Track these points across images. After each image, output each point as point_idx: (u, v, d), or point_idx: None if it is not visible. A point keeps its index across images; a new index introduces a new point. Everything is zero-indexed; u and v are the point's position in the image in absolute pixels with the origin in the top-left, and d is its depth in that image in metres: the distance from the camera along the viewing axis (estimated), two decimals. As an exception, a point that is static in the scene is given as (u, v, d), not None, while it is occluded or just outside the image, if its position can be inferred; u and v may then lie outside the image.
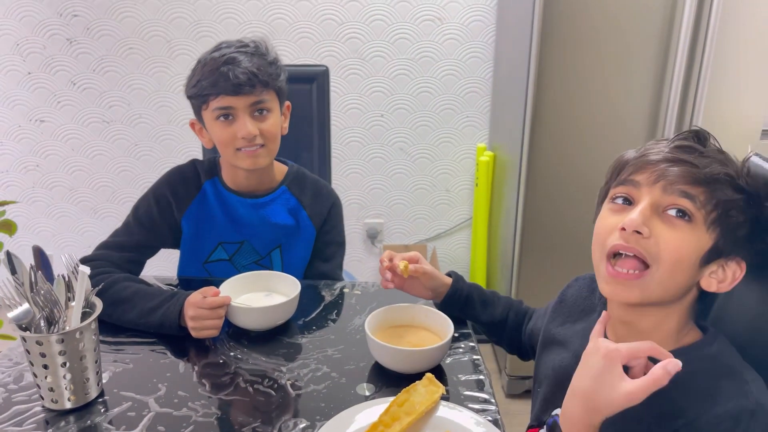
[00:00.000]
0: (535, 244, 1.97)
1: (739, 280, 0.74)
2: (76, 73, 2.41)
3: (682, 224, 0.71)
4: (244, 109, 1.21)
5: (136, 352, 1.10)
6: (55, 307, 0.91)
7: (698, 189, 0.71)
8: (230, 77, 1.18)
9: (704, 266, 0.73)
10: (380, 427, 0.87)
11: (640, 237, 0.71)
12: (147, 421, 0.92)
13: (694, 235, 0.71)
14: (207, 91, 1.20)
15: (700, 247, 0.72)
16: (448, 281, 1.15)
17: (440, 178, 2.58)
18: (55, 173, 2.55)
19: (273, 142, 1.26)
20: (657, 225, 0.72)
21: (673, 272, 0.72)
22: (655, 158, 0.74)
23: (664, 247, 0.71)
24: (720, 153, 0.75)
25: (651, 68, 1.77)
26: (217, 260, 1.36)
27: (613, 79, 1.78)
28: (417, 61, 2.39)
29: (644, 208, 0.72)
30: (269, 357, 1.08)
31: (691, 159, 0.72)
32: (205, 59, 1.22)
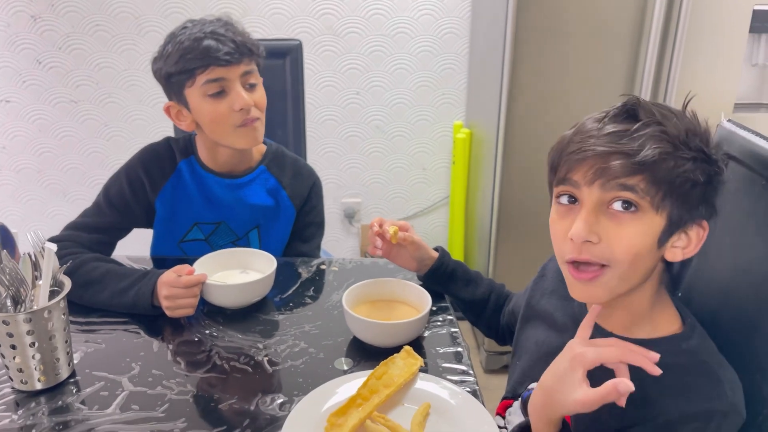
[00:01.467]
0: (512, 221, 1.98)
1: (704, 239, 0.73)
2: (41, 52, 2.33)
3: (629, 216, 0.69)
4: (235, 80, 1.17)
5: (109, 332, 1.07)
6: (22, 286, 0.88)
7: (637, 177, 0.68)
8: (219, 48, 1.14)
9: (664, 243, 0.72)
10: (359, 399, 0.86)
11: (591, 244, 0.71)
12: (120, 399, 0.90)
13: (644, 223, 0.70)
14: (195, 64, 1.14)
15: (654, 232, 0.70)
16: (435, 254, 1.14)
17: (417, 157, 2.56)
18: (22, 155, 2.48)
19: (263, 113, 1.24)
20: (605, 225, 0.70)
21: (632, 266, 0.71)
22: (588, 153, 0.70)
23: (617, 247, 0.70)
24: (654, 122, 0.70)
25: (626, 45, 1.77)
26: (192, 240, 1.33)
27: (589, 54, 1.78)
28: (392, 37, 2.37)
29: (587, 215, 0.70)
30: (245, 334, 1.06)
31: (623, 147, 0.68)
32: (179, 35, 1.17)
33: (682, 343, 0.74)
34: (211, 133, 1.22)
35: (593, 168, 0.70)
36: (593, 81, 1.81)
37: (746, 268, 0.78)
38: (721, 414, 0.69)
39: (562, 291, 0.92)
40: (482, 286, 1.15)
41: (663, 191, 0.68)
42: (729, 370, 0.74)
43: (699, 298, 0.86)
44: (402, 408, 0.88)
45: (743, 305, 0.78)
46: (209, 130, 1.22)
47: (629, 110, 0.72)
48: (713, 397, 0.70)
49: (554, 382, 0.71)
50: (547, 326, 0.91)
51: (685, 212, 0.70)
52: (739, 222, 0.80)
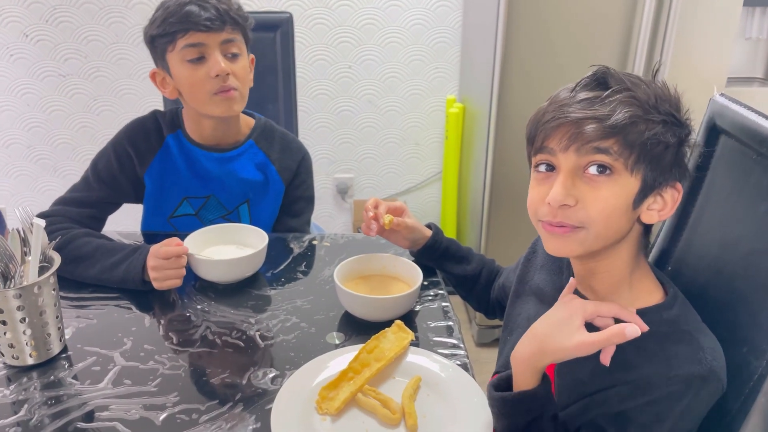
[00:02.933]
0: (503, 196, 1.98)
1: (678, 201, 0.75)
2: (28, 24, 2.29)
3: (604, 179, 0.71)
4: (215, 46, 1.16)
5: (100, 307, 1.07)
6: (11, 261, 0.88)
7: (610, 140, 0.70)
8: (201, 13, 1.13)
9: (639, 205, 0.74)
10: (350, 373, 0.87)
11: (567, 208, 0.73)
12: (113, 374, 0.91)
13: (619, 184, 0.71)
14: (175, 27, 1.14)
15: (629, 193, 0.72)
16: (428, 233, 1.15)
17: (410, 132, 2.55)
18: (11, 130, 2.45)
19: (244, 86, 1.22)
20: (581, 189, 0.72)
21: (606, 226, 0.73)
22: (562, 121, 0.72)
23: (592, 210, 0.72)
24: (624, 89, 0.72)
25: (620, 17, 1.76)
26: (182, 215, 1.33)
27: (583, 26, 1.77)
28: (385, 9, 2.34)
29: (564, 179, 0.72)
30: (237, 309, 1.07)
31: (594, 112, 0.70)
32: (166, 2, 1.16)
33: (663, 312, 0.76)
34: (189, 100, 1.22)
35: (568, 134, 0.72)
36: (586, 54, 1.79)
37: (735, 242, 0.78)
38: (700, 379, 0.70)
39: (551, 266, 0.92)
40: (473, 262, 1.16)
41: (636, 153, 0.70)
42: (710, 337, 0.75)
43: (688, 272, 0.87)
44: (393, 381, 0.89)
45: (732, 279, 0.78)
46: (187, 96, 1.22)
47: (599, 79, 0.74)
48: (693, 362, 0.71)
49: (549, 329, 0.73)
50: (538, 301, 0.91)
51: (659, 174, 0.72)
52: (728, 196, 0.81)
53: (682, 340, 0.73)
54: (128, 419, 0.82)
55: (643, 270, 0.80)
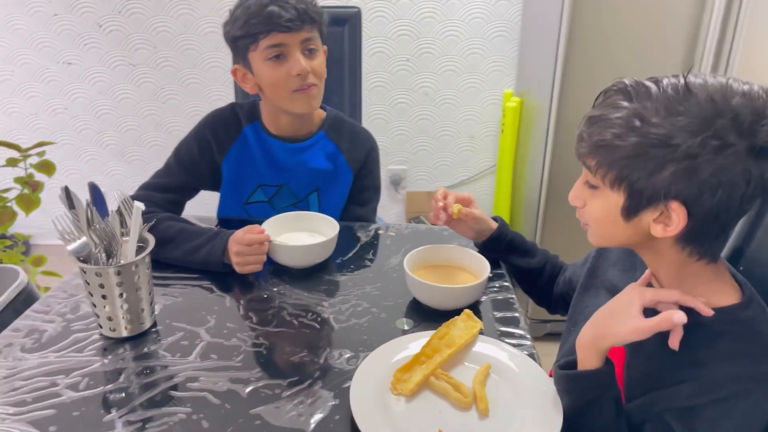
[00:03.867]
0: (561, 192, 1.98)
1: (682, 220, 0.71)
2: (101, 15, 2.40)
3: (593, 192, 0.78)
4: (295, 46, 1.22)
5: (184, 287, 1.14)
6: (113, 240, 0.95)
7: (593, 159, 0.75)
8: (282, 14, 1.18)
9: (631, 219, 0.75)
10: (422, 357, 0.91)
11: (578, 208, 0.83)
12: (200, 349, 0.97)
13: (602, 198, 0.77)
14: (258, 29, 1.20)
15: (613, 206, 0.75)
16: (494, 225, 1.18)
17: (465, 125, 2.57)
18: (83, 116, 2.58)
19: (322, 81, 1.28)
20: (586, 192, 0.80)
21: (600, 228, 0.80)
22: (577, 131, 0.78)
23: (587, 213, 0.81)
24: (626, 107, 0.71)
25: (688, 16, 1.74)
26: (256, 201, 1.39)
27: (649, 24, 1.75)
28: (445, 3, 2.36)
29: (577, 184, 0.81)
30: (311, 293, 1.12)
31: (588, 130, 0.75)
32: (246, 1, 1.21)
33: (739, 313, 0.76)
34: (270, 96, 1.28)
35: (576, 146, 0.78)
36: (652, 53, 1.78)
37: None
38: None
39: (625, 262, 0.94)
40: (538, 256, 1.18)
41: (615, 172, 0.73)
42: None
43: (760, 271, 0.87)
44: (463, 367, 0.93)
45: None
46: (269, 93, 1.28)
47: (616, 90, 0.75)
48: (764, 363, 0.72)
49: (609, 313, 0.79)
50: (610, 295, 0.93)
51: (650, 191, 0.71)
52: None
53: (755, 341, 0.74)
54: (217, 390, 0.88)
55: (715, 273, 0.79)
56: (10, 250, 1.69)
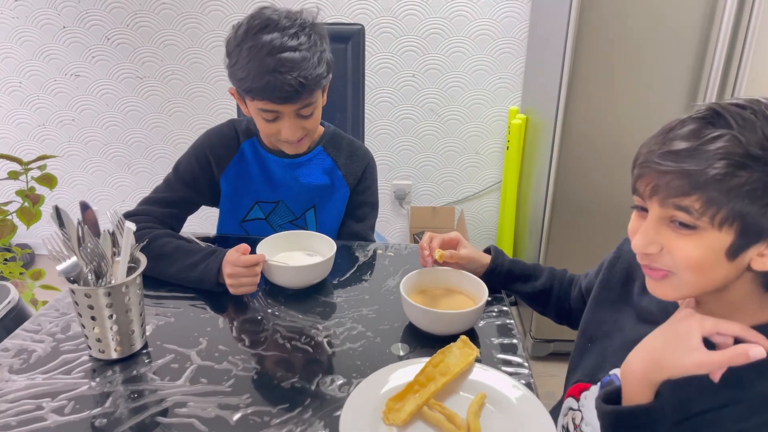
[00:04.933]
0: (566, 209, 1.96)
1: None
2: (110, 28, 2.41)
3: (689, 233, 0.68)
4: (290, 113, 1.19)
5: (177, 306, 1.13)
6: (102, 260, 0.94)
7: (692, 198, 0.66)
8: (280, 85, 1.12)
9: (737, 257, 0.68)
10: (416, 386, 0.89)
11: (652, 254, 0.71)
12: (190, 372, 0.95)
13: (705, 240, 0.68)
14: (252, 94, 1.16)
15: (718, 247, 0.67)
16: (486, 260, 1.14)
17: (470, 141, 2.55)
18: (90, 128, 2.58)
19: (314, 131, 1.28)
20: (667, 236, 0.70)
21: (697, 275, 0.70)
22: (647, 170, 0.69)
23: (678, 257, 0.70)
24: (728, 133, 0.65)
25: (695, 35, 1.71)
26: (253, 219, 1.38)
27: (655, 44, 1.73)
28: (450, 20, 2.35)
29: (647, 228, 0.71)
30: (305, 315, 1.10)
31: (680, 166, 0.66)
32: (251, 45, 1.13)
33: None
34: (261, 136, 1.31)
35: (651, 184, 0.69)
36: (658, 73, 1.76)
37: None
38: None
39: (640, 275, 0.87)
40: (542, 278, 1.14)
41: (725, 209, 0.65)
42: None
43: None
44: (458, 396, 0.90)
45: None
46: (260, 134, 1.30)
47: (706, 118, 0.68)
48: None
49: (666, 343, 0.70)
50: (635, 314, 0.88)
51: (764, 228, 0.66)
52: None
53: None
54: (205, 417, 0.86)
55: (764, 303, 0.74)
56: (10, 262, 1.69)
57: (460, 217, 2.65)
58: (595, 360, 0.92)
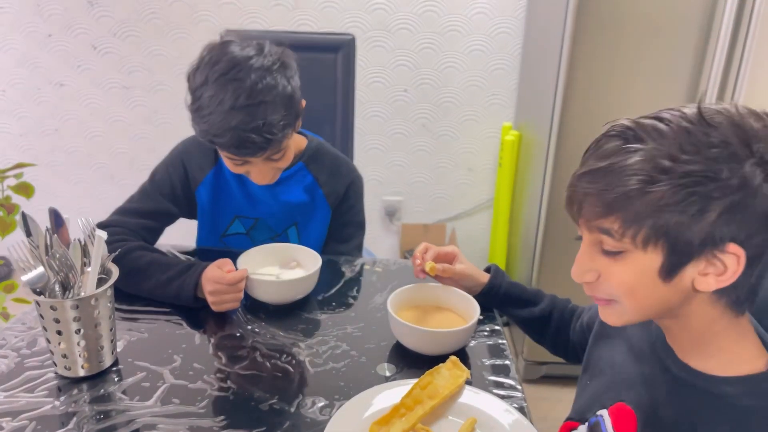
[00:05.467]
0: (559, 228, 1.92)
1: (741, 266, 0.62)
2: (96, 37, 2.37)
3: (619, 257, 0.65)
4: (258, 161, 1.13)
5: (151, 321, 1.07)
6: (71, 271, 0.88)
7: (610, 218, 0.63)
8: (242, 143, 1.06)
9: (672, 278, 0.64)
10: (402, 409, 0.83)
11: (591, 283, 0.69)
12: (161, 392, 0.89)
13: (633, 263, 0.64)
14: (216, 146, 1.12)
15: (649, 269, 0.64)
16: (484, 279, 1.09)
17: (463, 157, 2.52)
18: (74, 138, 2.53)
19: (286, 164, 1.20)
20: (601, 261, 0.67)
21: (634, 300, 0.67)
22: (570, 193, 0.67)
23: (612, 284, 0.67)
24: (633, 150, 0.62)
25: (689, 55, 1.69)
26: (234, 233, 1.33)
27: (650, 62, 1.71)
28: (444, 35, 2.32)
29: (581, 255, 0.69)
30: (287, 332, 1.05)
31: (595, 186, 0.63)
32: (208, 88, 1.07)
33: (765, 383, 0.66)
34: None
35: (574, 207, 0.67)
36: (655, 87, 1.73)
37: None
38: None
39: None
40: (542, 304, 1.08)
41: (647, 227, 0.62)
42: None
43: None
44: (446, 421, 0.85)
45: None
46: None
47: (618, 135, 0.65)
48: None
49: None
50: (626, 349, 0.83)
51: (694, 242, 0.61)
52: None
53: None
54: (175, 441, 0.81)
55: (741, 332, 0.70)
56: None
57: (451, 235, 2.60)
58: (588, 398, 0.87)
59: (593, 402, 0.85)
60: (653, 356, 0.74)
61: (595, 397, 0.85)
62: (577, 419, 0.87)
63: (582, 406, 0.87)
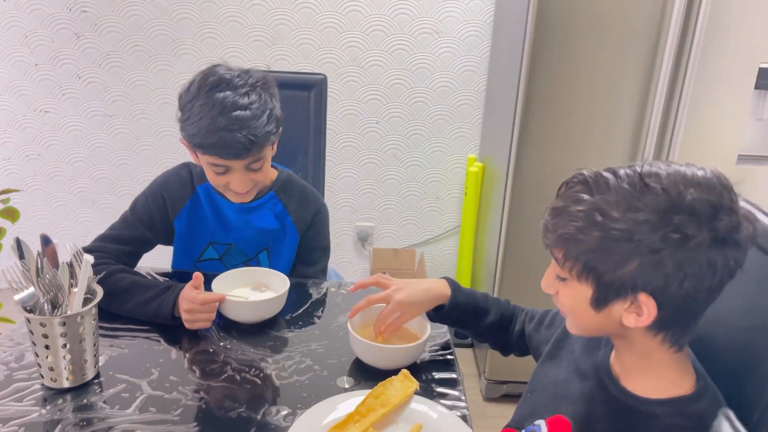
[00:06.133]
0: (517, 255, 2.05)
1: (653, 313, 0.71)
2: (81, 67, 2.47)
3: (564, 283, 0.78)
4: (239, 168, 1.25)
5: (131, 338, 1.16)
6: (59, 291, 0.98)
7: (557, 249, 0.76)
8: (228, 144, 1.18)
9: (602, 309, 0.75)
10: (356, 416, 0.93)
11: (554, 296, 0.82)
12: (139, 402, 0.99)
13: (573, 290, 0.77)
14: (203, 149, 1.22)
15: (583, 297, 0.75)
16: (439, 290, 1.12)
17: (431, 186, 2.65)
18: (56, 163, 2.61)
19: (263, 182, 1.34)
20: (556, 282, 0.80)
21: (575, 319, 0.81)
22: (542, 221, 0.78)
23: (561, 302, 0.81)
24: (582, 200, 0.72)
25: (635, 93, 1.85)
26: (208, 259, 1.43)
27: (599, 101, 1.86)
28: (413, 71, 2.47)
29: (548, 272, 0.82)
30: (257, 348, 1.15)
31: (553, 222, 0.75)
32: (202, 104, 1.18)
33: (691, 405, 0.75)
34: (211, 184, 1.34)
35: (543, 234, 0.79)
36: (602, 127, 1.88)
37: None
38: None
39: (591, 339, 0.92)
40: (491, 314, 1.14)
41: (580, 264, 0.73)
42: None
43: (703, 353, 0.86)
44: (396, 427, 0.95)
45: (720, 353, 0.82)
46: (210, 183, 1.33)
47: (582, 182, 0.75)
48: None
49: None
50: (572, 369, 0.91)
51: (616, 285, 0.72)
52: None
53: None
54: (151, 444, 0.90)
55: (679, 363, 0.78)
56: (-34, 294, 1.69)
57: (420, 260, 2.72)
58: (529, 409, 0.95)
59: (532, 413, 0.93)
60: (595, 377, 0.84)
61: (535, 409, 0.94)
62: (514, 426, 0.97)
63: (522, 416, 0.96)
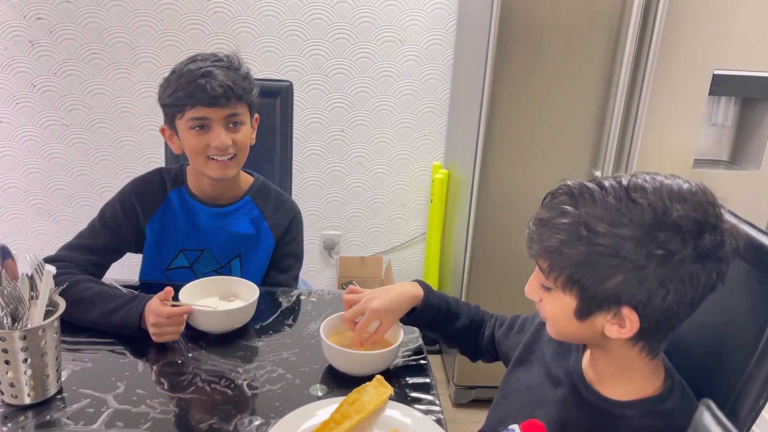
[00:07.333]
0: (484, 259, 2.07)
1: (636, 326, 0.72)
2: (36, 75, 2.40)
3: (548, 292, 0.79)
4: (219, 120, 1.27)
5: (95, 351, 1.12)
6: (20, 304, 0.94)
7: (542, 260, 0.76)
8: (207, 89, 1.23)
9: (585, 320, 0.76)
10: (331, 424, 0.92)
11: (537, 303, 0.83)
12: (106, 417, 0.95)
13: (557, 299, 0.77)
14: (183, 101, 1.24)
15: (567, 308, 0.76)
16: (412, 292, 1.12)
17: (397, 193, 2.66)
18: (10, 174, 2.52)
19: (243, 152, 1.33)
20: (540, 289, 0.81)
21: (556, 328, 0.81)
22: (527, 231, 0.78)
23: (543, 310, 0.82)
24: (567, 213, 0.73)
25: (596, 100, 1.90)
26: (177, 267, 1.40)
27: (561, 107, 1.90)
28: (378, 79, 2.48)
29: (532, 279, 0.82)
30: (227, 359, 1.12)
31: (538, 233, 0.75)
32: (180, 70, 1.27)
33: (659, 404, 0.77)
34: (190, 160, 1.34)
35: (527, 243, 0.79)
36: (564, 133, 1.92)
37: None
38: None
39: (561, 344, 0.93)
40: (461, 319, 1.15)
41: (565, 275, 0.74)
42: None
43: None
44: (371, 433, 0.95)
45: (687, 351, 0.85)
46: (189, 157, 1.33)
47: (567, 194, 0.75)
48: None
49: None
50: (544, 374, 0.92)
51: (600, 298, 0.73)
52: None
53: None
54: (120, 460, 0.87)
55: (653, 369, 0.80)
56: None
57: (387, 267, 2.72)
58: (502, 414, 0.96)
59: (506, 417, 0.94)
60: (568, 382, 0.86)
61: (508, 413, 0.95)
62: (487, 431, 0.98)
63: (495, 421, 0.97)
